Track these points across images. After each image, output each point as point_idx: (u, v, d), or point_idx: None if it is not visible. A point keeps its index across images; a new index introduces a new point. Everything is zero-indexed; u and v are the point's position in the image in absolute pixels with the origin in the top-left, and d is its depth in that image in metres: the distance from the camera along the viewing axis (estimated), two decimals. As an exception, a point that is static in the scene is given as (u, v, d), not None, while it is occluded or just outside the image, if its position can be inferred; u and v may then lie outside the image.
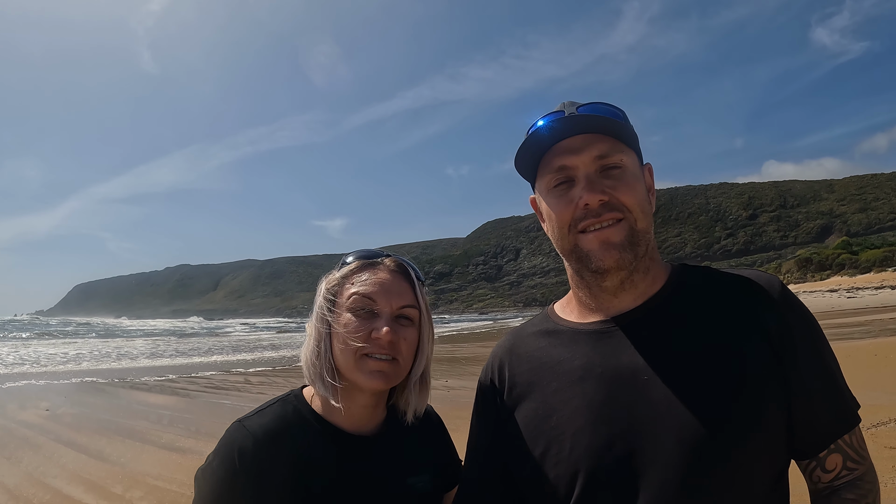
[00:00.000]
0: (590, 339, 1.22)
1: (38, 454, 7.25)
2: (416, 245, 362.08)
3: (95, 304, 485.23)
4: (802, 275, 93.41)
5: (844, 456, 1.13)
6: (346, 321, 1.31)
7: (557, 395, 1.20)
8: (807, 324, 1.16)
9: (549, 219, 1.25)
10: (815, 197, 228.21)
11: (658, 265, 1.26)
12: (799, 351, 1.12)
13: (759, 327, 1.12)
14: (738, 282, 1.21)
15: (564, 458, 1.14)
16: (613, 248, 1.16)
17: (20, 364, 19.57)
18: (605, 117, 1.19)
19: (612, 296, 1.22)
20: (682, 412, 1.06)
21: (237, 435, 1.29)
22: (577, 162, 1.18)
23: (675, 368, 1.10)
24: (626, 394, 1.12)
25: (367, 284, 1.33)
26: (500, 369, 1.35)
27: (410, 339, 1.35)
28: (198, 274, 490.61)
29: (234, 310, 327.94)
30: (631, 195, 1.17)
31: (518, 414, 1.26)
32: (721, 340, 1.11)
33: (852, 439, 1.14)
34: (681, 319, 1.17)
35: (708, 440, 1.03)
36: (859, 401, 1.18)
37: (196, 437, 8.06)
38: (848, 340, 15.98)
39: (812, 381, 1.11)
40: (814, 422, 1.12)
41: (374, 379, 1.29)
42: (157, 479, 6.11)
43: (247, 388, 13.13)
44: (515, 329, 1.42)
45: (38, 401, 11.49)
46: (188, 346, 30.39)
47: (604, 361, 1.17)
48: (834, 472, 1.13)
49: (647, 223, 1.20)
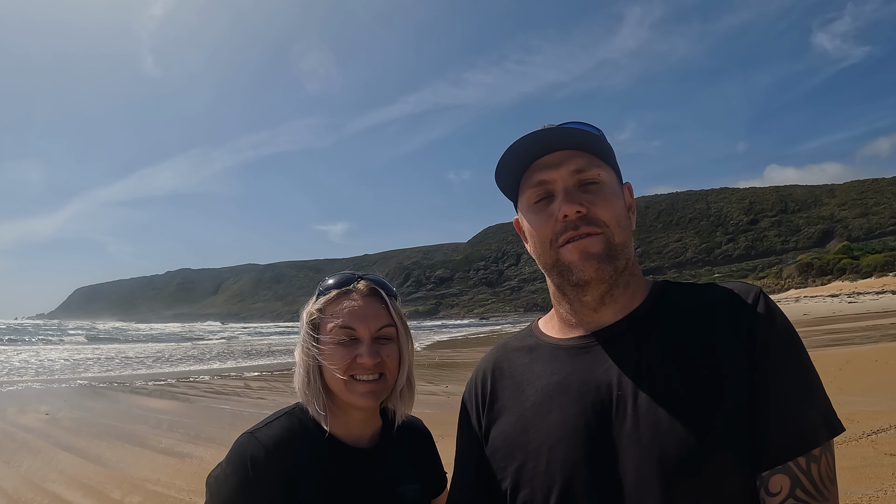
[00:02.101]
0: (568, 354, 1.23)
1: (36, 458, 7.25)
2: (417, 250, 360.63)
3: (97, 308, 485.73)
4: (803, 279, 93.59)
5: (793, 482, 1.02)
6: (331, 351, 1.42)
7: (534, 410, 1.21)
8: (781, 330, 1.12)
9: (531, 236, 1.26)
10: (816, 202, 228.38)
11: (638, 280, 1.27)
12: (770, 360, 1.08)
13: (736, 339, 1.10)
14: (715, 295, 1.19)
15: (541, 472, 1.14)
16: (592, 259, 1.17)
17: (20, 368, 19.56)
18: (583, 131, 1.20)
19: (592, 310, 1.23)
20: (658, 427, 1.05)
21: (249, 445, 1.38)
22: (555, 176, 1.20)
23: (652, 383, 1.10)
24: (602, 409, 1.12)
25: (345, 315, 1.43)
26: (482, 383, 1.37)
27: (393, 354, 1.46)
28: (199, 278, 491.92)
29: (235, 314, 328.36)
30: (608, 210, 1.18)
31: (497, 428, 1.28)
32: (699, 355, 1.10)
33: (811, 466, 1.03)
34: (660, 334, 1.16)
35: (682, 455, 1.02)
36: (860, 406, 1.15)
37: (195, 441, 8.05)
38: (849, 346, 15.96)
39: (784, 392, 1.06)
40: (774, 432, 1.04)
41: (365, 398, 1.42)
42: (155, 483, 6.10)
43: (246, 393, 13.12)
44: (500, 344, 1.44)
45: (38, 405, 11.50)
46: (192, 350, 30.38)
47: (581, 376, 1.18)
48: (778, 496, 1.03)
49: (624, 238, 1.20)
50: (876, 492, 4.61)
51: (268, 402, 11.44)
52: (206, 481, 1.41)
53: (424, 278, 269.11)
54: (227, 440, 7.91)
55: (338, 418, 1.46)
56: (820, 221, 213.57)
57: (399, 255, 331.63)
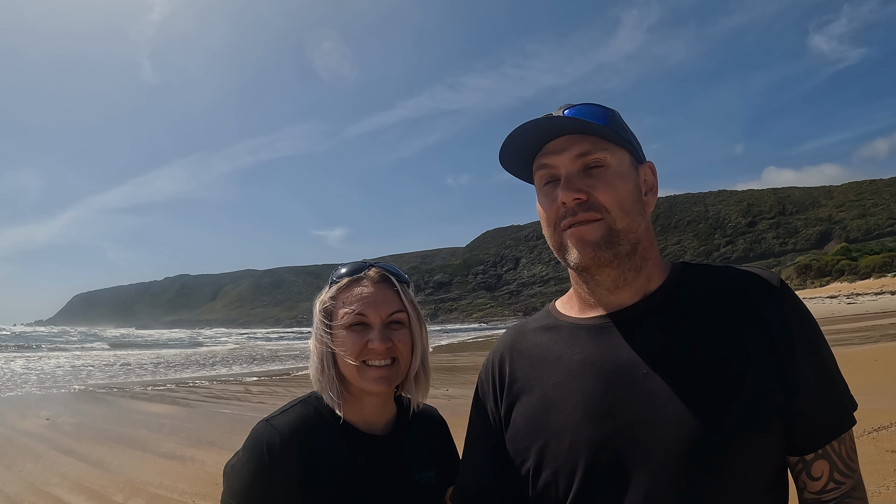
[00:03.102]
0: (589, 333, 1.22)
1: (38, 463, 7.24)
2: (415, 254, 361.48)
3: (95, 314, 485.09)
4: (802, 281, 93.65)
5: (832, 465, 1.11)
6: (343, 338, 1.44)
7: (557, 390, 1.20)
8: (806, 321, 1.15)
9: (541, 217, 1.27)
10: (814, 203, 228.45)
11: (654, 264, 1.25)
12: (797, 347, 1.11)
13: (759, 323, 1.12)
14: (737, 278, 1.20)
15: (564, 451, 1.14)
16: (588, 246, 1.17)
17: (20, 373, 19.52)
18: (586, 116, 1.19)
19: (608, 291, 1.22)
20: (681, 406, 1.06)
21: (265, 432, 1.40)
22: (557, 161, 1.20)
23: (674, 363, 1.10)
24: (625, 388, 1.12)
25: (356, 301, 1.44)
26: (500, 365, 1.36)
27: (405, 339, 1.47)
28: (197, 283, 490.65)
29: (234, 319, 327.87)
30: (610, 194, 1.17)
31: (518, 408, 1.27)
32: (720, 336, 1.11)
33: (842, 448, 1.12)
34: (680, 315, 1.17)
35: (706, 434, 1.03)
36: (861, 405, 1.16)
37: (197, 445, 8.05)
38: (848, 346, 15.97)
39: (810, 377, 1.10)
40: (809, 417, 1.10)
41: (377, 384, 1.43)
42: (158, 487, 6.10)
43: (246, 398, 13.11)
44: (517, 325, 1.43)
45: (38, 410, 11.48)
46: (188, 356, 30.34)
47: (603, 355, 1.17)
48: (821, 480, 1.12)
49: (628, 222, 1.18)
50: (878, 487, 4.64)
51: (268, 406, 11.40)
52: (223, 470, 1.42)
53: (423, 283, 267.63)
54: (228, 444, 7.94)
55: (352, 405, 1.47)
56: (818, 223, 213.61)
57: (397, 259, 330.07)
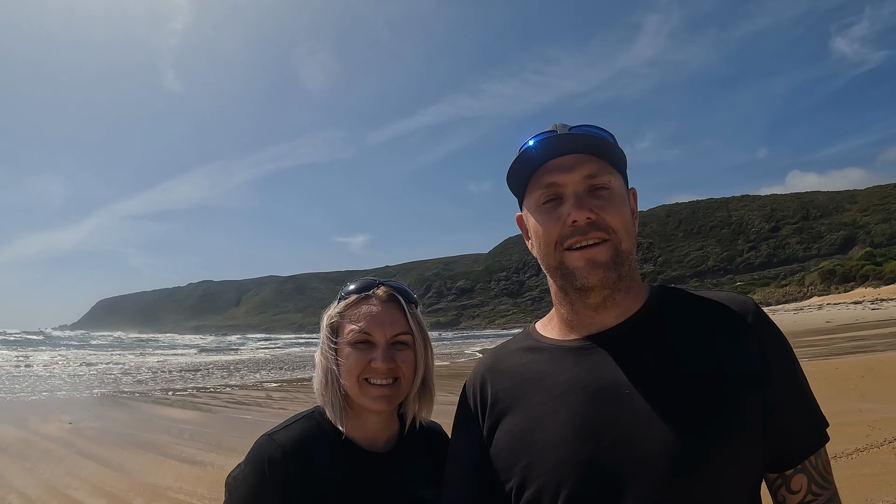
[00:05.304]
0: (573, 354, 1.25)
1: (59, 466, 7.33)
2: (438, 261, 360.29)
3: (119, 319, 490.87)
4: (826, 287, 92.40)
5: (810, 478, 1.18)
6: (347, 354, 1.47)
7: (541, 409, 1.22)
8: (780, 343, 1.21)
9: (535, 235, 1.28)
10: (838, 208, 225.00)
11: (638, 285, 1.29)
12: (774, 368, 1.16)
13: (737, 345, 1.17)
14: (715, 301, 1.25)
15: (548, 469, 1.16)
16: (598, 267, 1.19)
17: (44, 377, 19.79)
18: (597, 137, 1.23)
19: (594, 312, 1.25)
20: (663, 425, 1.09)
21: (267, 447, 1.42)
22: (567, 180, 1.21)
23: (656, 382, 1.14)
24: (609, 407, 1.15)
25: (363, 319, 1.47)
26: (482, 386, 1.37)
27: (408, 360, 1.50)
28: (220, 289, 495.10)
29: (257, 325, 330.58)
30: (617, 216, 1.21)
31: (501, 428, 1.28)
32: (700, 356, 1.15)
33: (818, 461, 1.18)
34: (661, 336, 1.20)
35: (688, 452, 1.06)
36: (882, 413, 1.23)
37: (217, 451, 8.09)
38: (872, 353, 15.73)
39: (787, 396, 1.16)
40: (788, 436, 1.16)
41: (378, 402, 1.46)
42: (177, 491, 6.14)
43: (268, 404, 13.17)
44: (496, 347, 1.46)
45: (61, 414, 11.63)
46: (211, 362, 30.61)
47: (587, 376, 1.20)
48: (800, 494, 1.17)
49: (630, 244, 1.24)
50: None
51: (288, 413, 11.41)
52: (225, 481, 1.45)
53: (445, 289, 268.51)
54: (248, 450, 7.88)
55: (354, 421, 1.50)
56: (842, 228, 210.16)
57: (420, 266, 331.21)
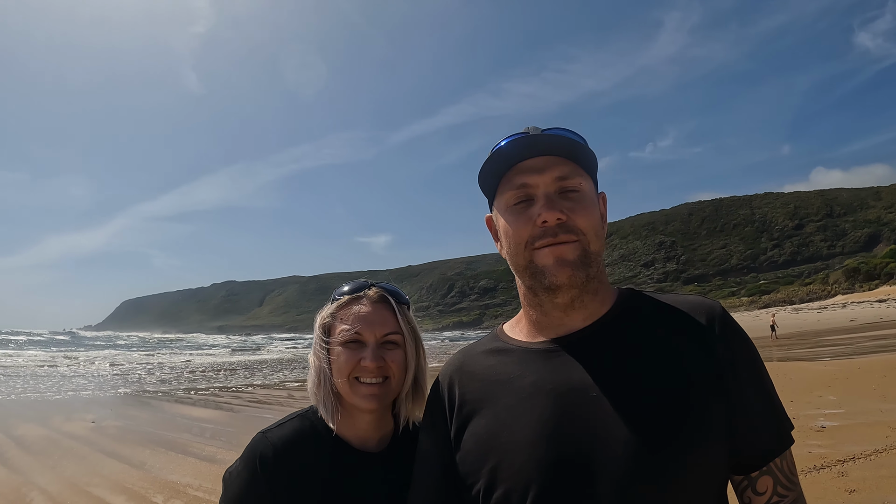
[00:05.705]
0: (540, 357, 1.25)
1: (81, 464, 7.37)
2: (460, 260, 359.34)
3: (143, 320, 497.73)
4: (850, 285, 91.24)
5: (775, 480, 1.19)
6: (338, 354, 1.51)
7: (509, 411, 1.22)
8: (746, 347, 1.22)
9: (505, 235, 1.29)
10: (862, 205, 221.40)
11: (606, 288, 1.30)
12: (740, 370, 1.17)
13: (703, 347, 1.17)
14: (682, 304, 1.26)
15: (515, 471, 1.15)
16: (567, 265, 1.19)
17: (69, 376, 20.02)
18: (569, 140, 1.23)
19: (562, 313, 1.25)
20: (629, 427, 1.09)
21: (259, 444, 1.46)
22: (538, 181, 1.22)
23: (623, 385, 1.14)
24: (577, 409, 1.15)
25: (353, 319, 1.51)
26: (449, 387, 1.37)
27: (398, 359, 1.53)
28: (244, 290, 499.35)
29: (281, 325, 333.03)
30: (586, 219, 1.22)
31: (469, 430, 1.28)
32: (667, 359, 1.16)
33: (783, 463, 1.19)
34: (628, 338, 1.21)
35: (654, 453, 1.07)
36: None
37: (238, 449, 8.02)
38: (894, 352, 15.38)
39: (753, 399, 1.18)
40: (755, 436, 1.17)
41: (367, 401, 1.49)
42: (197, 489, 6.15)
43: (290, 403, 13.23)
44: (464, 349, 1.46)
45: (84, 413, 11.74)
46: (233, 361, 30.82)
47: (555, 378, 1.20)
48: (765, 495, 1.18)
49: (599, 247, 1.24)
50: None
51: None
52: (223, 476, 1.48)
53: (468, 289, 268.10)
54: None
55: (346, 421, 1.53)
56: (866, 225, 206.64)
57: (442, 265, 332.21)
